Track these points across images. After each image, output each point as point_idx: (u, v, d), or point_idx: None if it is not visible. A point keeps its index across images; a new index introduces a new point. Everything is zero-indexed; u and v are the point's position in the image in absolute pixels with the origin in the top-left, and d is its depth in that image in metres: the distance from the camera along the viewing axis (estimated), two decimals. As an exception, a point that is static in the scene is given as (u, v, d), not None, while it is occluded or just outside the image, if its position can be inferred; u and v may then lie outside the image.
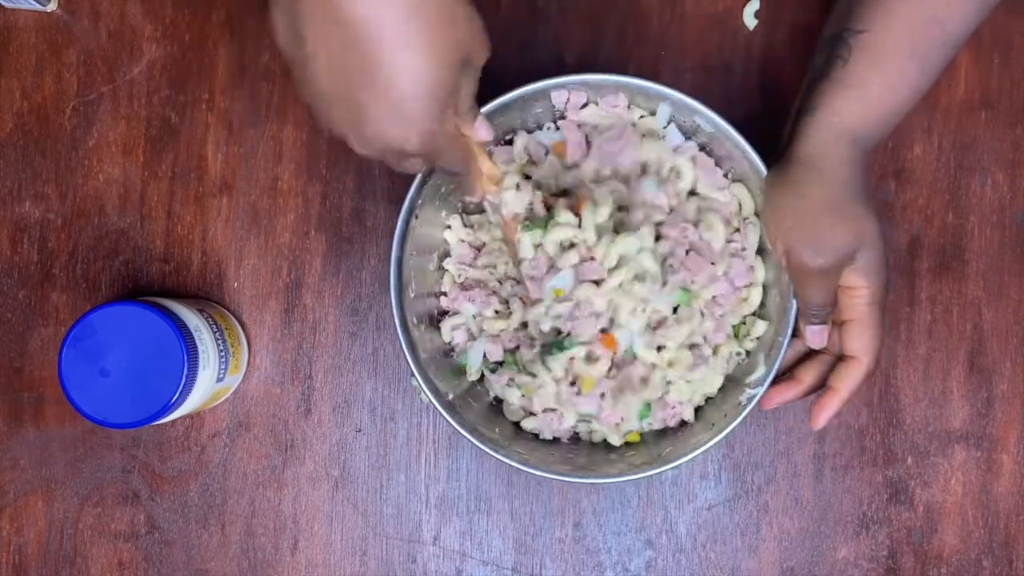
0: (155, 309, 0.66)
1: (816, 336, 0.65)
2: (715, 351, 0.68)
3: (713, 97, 0.74)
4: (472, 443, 0.65)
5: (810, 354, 0.67)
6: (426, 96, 0.50)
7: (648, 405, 0.68)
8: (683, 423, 0.70)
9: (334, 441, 0.76)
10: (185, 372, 0.65)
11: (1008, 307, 0.75)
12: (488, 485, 0.76)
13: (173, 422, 0.75)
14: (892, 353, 0.75)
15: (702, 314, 0.68)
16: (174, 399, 0.65)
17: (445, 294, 0.72)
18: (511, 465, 0.66)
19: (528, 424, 0.70)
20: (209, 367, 0.68)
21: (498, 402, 0.71)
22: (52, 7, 0.76)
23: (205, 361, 0.68)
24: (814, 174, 0.62)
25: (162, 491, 0.76)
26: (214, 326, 0.70)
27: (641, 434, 0.70)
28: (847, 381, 0.64)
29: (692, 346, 0.68)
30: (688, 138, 0.69)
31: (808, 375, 0.67)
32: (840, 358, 0.65)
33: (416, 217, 0.67)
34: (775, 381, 0.66)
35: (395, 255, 0.66)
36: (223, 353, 0.70)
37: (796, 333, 0.66)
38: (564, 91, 0.68)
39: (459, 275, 0.71)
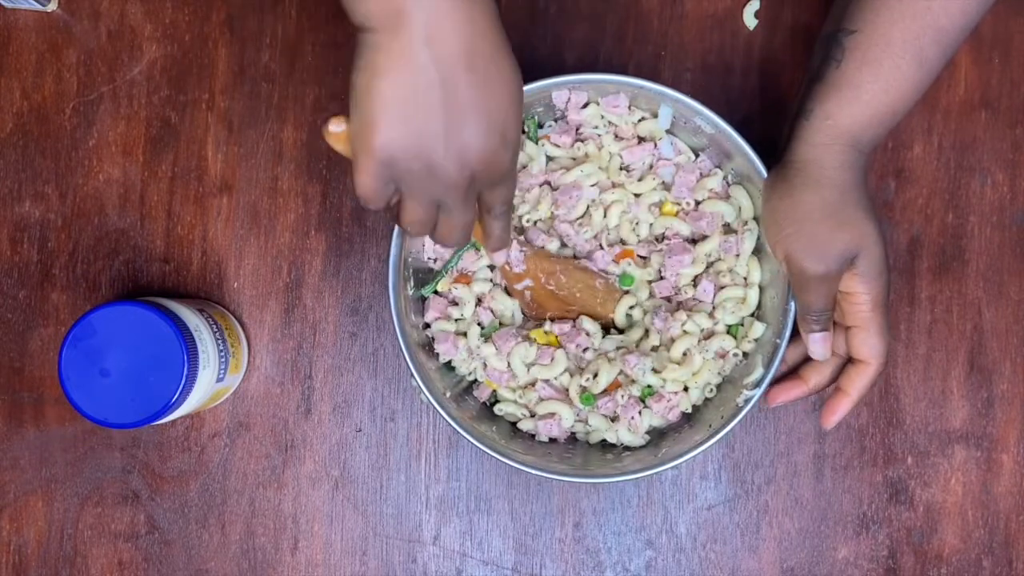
0: (155, 309, 0.66)
1: (819, 346, 0.65)
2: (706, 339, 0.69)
3: (713, 97, 0.75)
4: (472, 443, 0.65)
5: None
6: (518, 112, 0.52)
7: (591, 396, 0.69)
8: (681, 424, 0.70)
9: (334, 441, 0.76)
10: (185, 372, 0.65)
11: (1008, 307, 0.75)
12: (488, 485, 0.76)
13: (173, 422, 0.75)
14: (892, 353, 0.75)
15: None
16: (174, 399, 0.65)
17: (440, 293, 0.72)
18: (511, 465, 0.66)
19: (525, 425, 0.70)
20: (209, 367, 0.68)
21: (494, 402, 0.72)
22: (52, 7, 0.76)
23: (205, 361, 0.68)
24: (811, 180, 0.62)
25: (162, 491, 0.76)
26: (214, 326, 0.70)
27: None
28: (857, 383, 0.65)
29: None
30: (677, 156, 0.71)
31: (813, 375, 0.67)
32: (849, 360, 0.66)
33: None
34: (781, 379, 0.67)
35: (395, 255, 0.66)
36: (223, 353, 0.70)
37: (797, 333, 0.66)
38: (565, 91, 0.68)
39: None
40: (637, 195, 0.70)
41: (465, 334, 0.70)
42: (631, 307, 0.71)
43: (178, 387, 0.65)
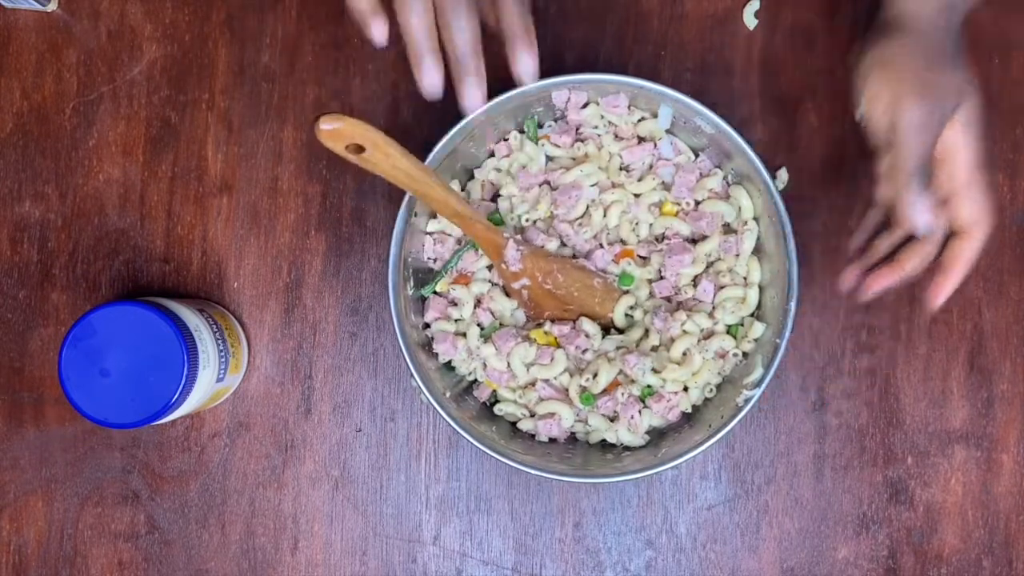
0: (155, 309, 0.66)
1: (923, 212, 0.59)
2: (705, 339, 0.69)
3: (713, 97, 0.75)
4: (472, 443, 0.65)
5: (908, 239, 0.64)
6: None
7: (591, 396, 0.69)
8: (681, 424, 0.70)
9: (334, 441, 0.76)
10: (185, 372, 0.65)
11: (1008, 307, 0.75)
12: (488, 485, 0.76)
13: (173, 422, 0.75)
14: (892, 353, 0.75)
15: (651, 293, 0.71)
16: (174, 399, 0.65)
17: (440, 294, 0.72)
18: (511, 465, 0.66)
19: (525, 425, 0.70)
20: (209, 367, 0.68)
21: (494, 402, 0.72)
22: (52, 7, 0.76)
23: (205, 361, 0.68)
24: (911, 32, 0.62)
25: (162, 491, 0.76)
26: (214, 326, 0.70)
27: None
28: (963, 256, 0.62)
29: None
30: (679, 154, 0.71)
31: (911, 258, 0.64)
32: (949, 236, 0.63)
33: (415, 216, 0.67)
34: (874, 267, 0.64)
35: (394, 255, 0.66)
36: (223, 353, 0.70)
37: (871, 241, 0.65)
38: (565, 91, 0.68)
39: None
40: (637, 195, 0.70)
41: (465, 334, 0.70)
42: (631, 307, 0.71)
43: (178, 387, 0.65)
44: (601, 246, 0.70)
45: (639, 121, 0.70)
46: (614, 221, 0.70)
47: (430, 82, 0.55)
